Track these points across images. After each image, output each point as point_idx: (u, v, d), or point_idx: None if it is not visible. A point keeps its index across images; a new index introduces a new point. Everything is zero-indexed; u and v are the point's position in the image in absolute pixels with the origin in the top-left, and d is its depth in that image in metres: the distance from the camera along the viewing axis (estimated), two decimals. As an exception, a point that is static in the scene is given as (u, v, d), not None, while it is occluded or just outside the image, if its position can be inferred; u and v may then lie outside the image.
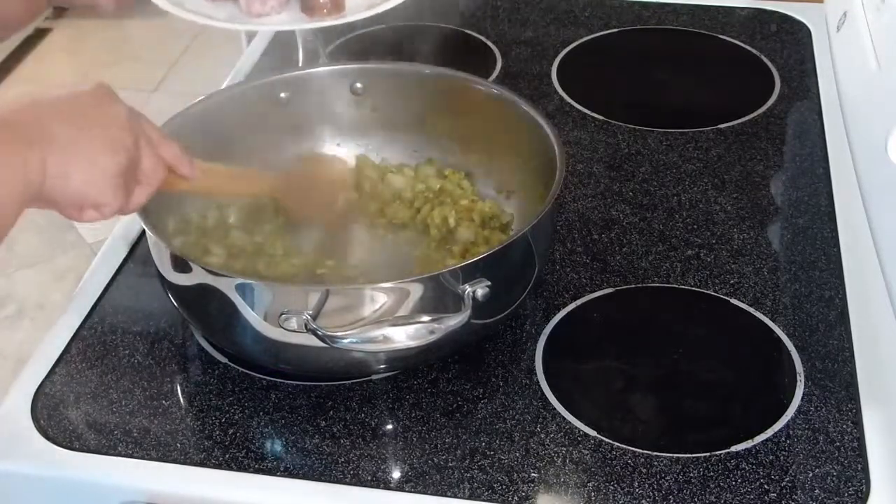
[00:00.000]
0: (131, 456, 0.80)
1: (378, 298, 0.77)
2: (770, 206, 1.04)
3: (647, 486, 0.77)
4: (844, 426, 0.81)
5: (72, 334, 0.91)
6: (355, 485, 0.78)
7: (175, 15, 1.07)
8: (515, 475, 0.78)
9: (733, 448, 0.79)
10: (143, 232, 0.90)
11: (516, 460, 0.79)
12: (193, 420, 0.84)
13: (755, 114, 1.18)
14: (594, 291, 0.94)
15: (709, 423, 0.83)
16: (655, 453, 0.79)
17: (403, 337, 0.75)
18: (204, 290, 0.80)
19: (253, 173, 0.94)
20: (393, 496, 0.77)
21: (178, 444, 0.81)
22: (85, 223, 0.74)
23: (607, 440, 0.80)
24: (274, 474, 0.79)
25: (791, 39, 1.32)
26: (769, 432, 0.80)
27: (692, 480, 0.77)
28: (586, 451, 0.79)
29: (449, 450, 0.80)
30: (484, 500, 0.76)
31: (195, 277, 0.81)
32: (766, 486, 0.76)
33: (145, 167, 0.75)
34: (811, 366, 0.86)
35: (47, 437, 0.82)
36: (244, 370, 0.87)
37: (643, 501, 0.76)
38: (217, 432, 0.82)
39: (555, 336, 0.89)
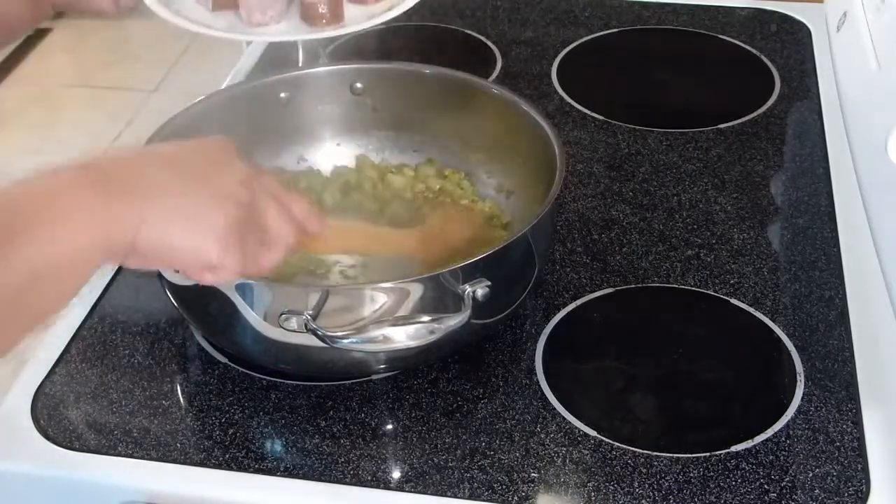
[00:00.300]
0: (131, 456, 0.80)
1: (378, 298, 0.77)
2: (770, 206, 1.04)
3: (647, 486, 0.77)
4: (844, 426, 0.81)
5: (72, 334, 0.91)
6: (355, 485, 0.78)
7: (175, 24, 1.07)
8: (515, 475, 0.78)
9: (733, 448, 0.79)
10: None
11: (516, 460, 0.79)
12: (193, 420, 0.84)
13: (755, 114, 1.18)
14: (594, 291, 0.94)
15: (709, 423, 0.83)
16: (655, 453, 0.79)
17: (403, 337, 0.75)
18: (204, 290, 0.80)
19: (385, 232, 0.92)
20: (393, 496, 0.77)
21: (178, 444, 0.81)
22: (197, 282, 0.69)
23: (607, 440, 0.80)
24: (274, 474, 0.79)
25: (791, 39, 1.32)
26: (769, 432, 0.80)
27: (692, 480, 0.77)
28: (586, 451, 0.79)
29: (449, 450, 0.80)
30: (484, 500, 0.76)
31: (195, 277, 0.81)
32: (766, 486, 0.76)
33: (272, 227, 0.70)
34: (811, 366, 0.86)
35: (47, 437, 0.82)
36: (244, 370, 0.87)
37: (643, 501, 0.76)
38: (217, 432, 0.82)
39: (555, 336, 0.89)
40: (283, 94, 1.00)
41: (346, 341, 0.75)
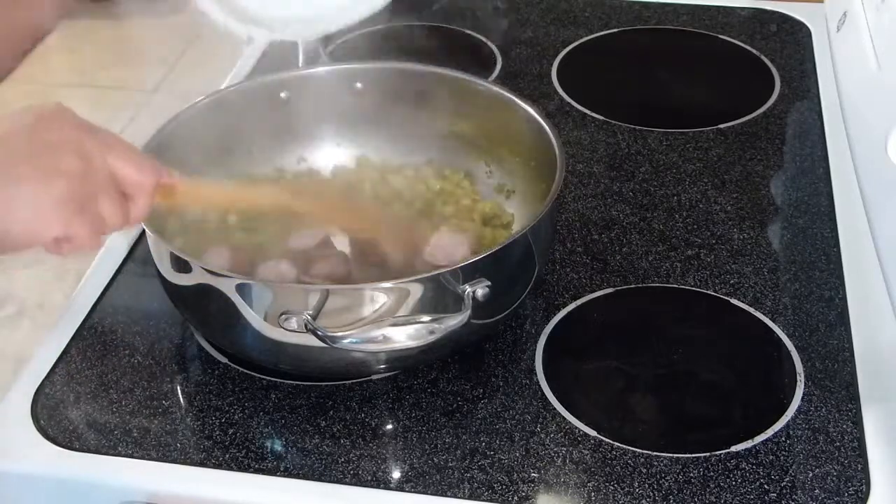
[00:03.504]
0: (131, 456, 0.80)
1: (378, 298, 0.77)
2: (770, 206, 1.04)
3: (647, 486, 0.77)
4: (844, 426, 0.81)
5: (72, 334, 0.91)
6: (355, 485, 0.78)
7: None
8: (515, 475, 0.78)
9: (733, 448, 0.79)
10: (143, 232, 0.90)
11: (516, 460, 0.79)
12: (193, 420, 0.84)
13: (755, 114, 1.18)
14: (594, 291, 0.94)
15: (709, 423, 0.83)
16: (655, 453, 0.79)
17: (403, 337, 0.75)
18: (204, 290, 0.80)
19: (263, 188, 0.92)
20: (393, 496, 0.77)
21: (178, 444, 0.81)
22: (67, 255, 0.70)
23: (607, 440, 0.80)
24: (274, 474, 0.79)
25: (791, 39, 1.32)
26: (769, 432, 0.80)
27: (692, 480, 0.77)
28: (586, 451, 0.79)
29: (449, 450, 0.80)
30: (484, 500, 0.76)
31: (195, 277, 0.81)
32: (766, 486, 0.76)
33: (122, 177, 0.70)
34: (811, 366, 0.86)
35: (47, 437, 0.82)
36: (244, 370, 0.87)
37: (643, 501, 0.76)
38: (217, 432, 0.82)
39: (555, 336, 0.89)
40: (283, 94, 1.00)
41: (346, 341, 0.75)
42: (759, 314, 0.91)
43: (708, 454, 0.79)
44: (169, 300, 0.87)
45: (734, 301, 0.93)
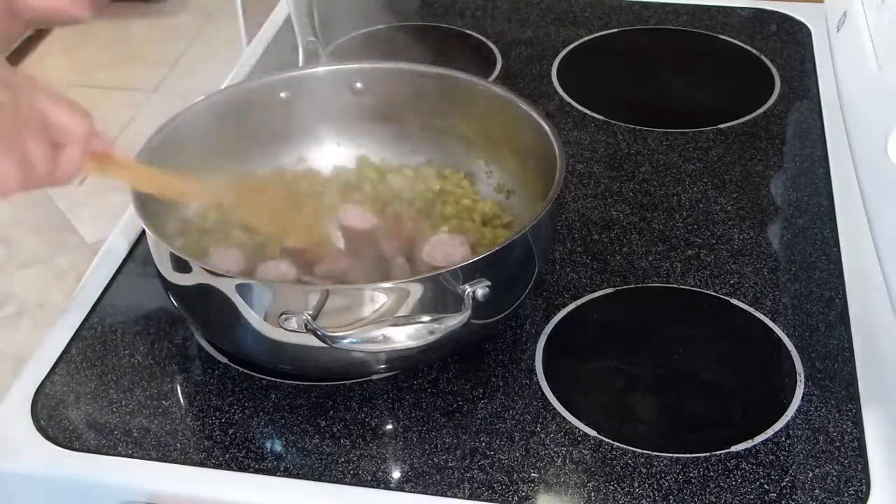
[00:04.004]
0: (131, 456, 0.80)
1: (378, 298, 0.77)
2: (770, 206, 1.04)
3: (647, 486, 0.77)
4: (844, 426, 0.81)
5: (72, 334, 0.91)
6: (355, 485, 0.78)
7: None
8: (515, 475, 0.78)
9: (733, 448, 0.79)
10: (143, 232, 0.90)
11: (516, 460, 0.79)
12: (193, 420, 0.84)
13: (755, 114, 1.18)
14: (594, 291, 0.94)
15: (709, 423, 0.83)
16: (655, 453, 0.79)
17: (403, 337, 0.75)
18: (204, 290, 0.80)
19: (197, 183, 0.88)
20: (393, 496, 0.77)
21: (178, 444, 0.81)
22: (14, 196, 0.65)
23: (607, 440, 0.80)
24: (274, 474, 0.79)
25: (791, 39, 1.32)
26: (769, 432, 0.80)
27: (692, 480, 0.77)
28: (586, 451, 0.79)
29: (449, 450, 0.80)
30: (484, 500, 0.76)
31: (195, 277, 0.81)
32: (766, 486, 0.76)
33: (54, 120, 0.66)
34: (811, 366, 0.86)
35: (47, 437, 0.82)
36: (244, 370, 0.87)
37: (643, 501, 0.76)
38: (217, 432, 0.82)
39: (555, 336, 0.89)
40: (283, 94, 1.00)
41: (346, 341, 0.75)
42: (759, 314, 0.91)
43: (708, 454, 0.79)
44: (169, 300, 0.87)
45: (734, 301, 0.93)
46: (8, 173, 0.63)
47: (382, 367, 0.84)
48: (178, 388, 0.87)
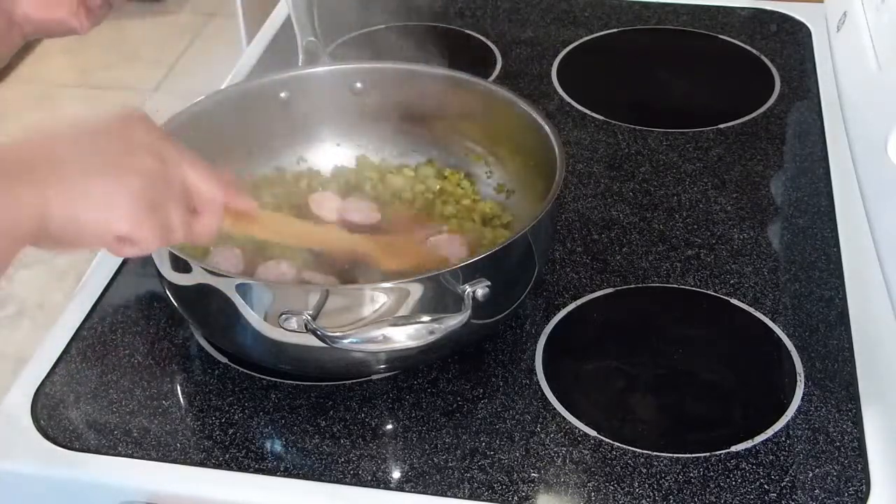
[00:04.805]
0: (131, 456, 0.80)
1: (378, 298, 0.77)
2: (770, 206, 1.04)
3: (647, 486, 0.77)
4: (844, 426, 0.81)
5: (72, 334, 0.91)
6: (355, 485, 0.78)
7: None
8: (515, 475, 0.78)
9: (733, 448, 0.79)
10: (143, 232, 0.89)
11: (516, 460, 0.79)
12: (193, 420, 0.84)
13: (755, 114, 1.18)
14: (594, 291, 0.94)
15: (709, 423, 0.83)
16: (655, 453, 0.79)
17: (403, 337, 0.75)
18: (204, 290, 0.80)
19: (331, 230, 0.92)
20: (393, 496, 0.77)
21: (178, 444, 0.81)
22: (126, 257, 0.68)
23: (607, 440, 0.80)
24: (274, 474, 0.79)
25: (791, 39, 1.32)
26: (769, 432, 0.80)
27: (692, 480, 0.77)
28: (586, 451, 0.79)
29: (449, 450, 0.80)
30: (484, 500, 0.76)
31: (195, 277, 0.81)
32: (766, 486, 0.76)
33: (194, 189, 0.69)
34: (811, 366, 0.86)
35: (47, 437, 0.82)
36: (244, 370, 0.87)
37: (643, 501, 0.76)
38: (217, 432, 0.82)
39: (555, 336, 0.89)
40: (283, 94, 1.00)
41: (346, 341, 0.75)
42: (759, 314, 0.91)
43: (708, 454, 0.79)
44: (169, 300, 0.87)
45: (734, 301, 0.93)
46: (150, 237, 0.66)
47: (382, 367, 0.84)
48: (178, 388, 0.87)
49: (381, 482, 0.78)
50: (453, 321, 0.76)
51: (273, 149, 1.01)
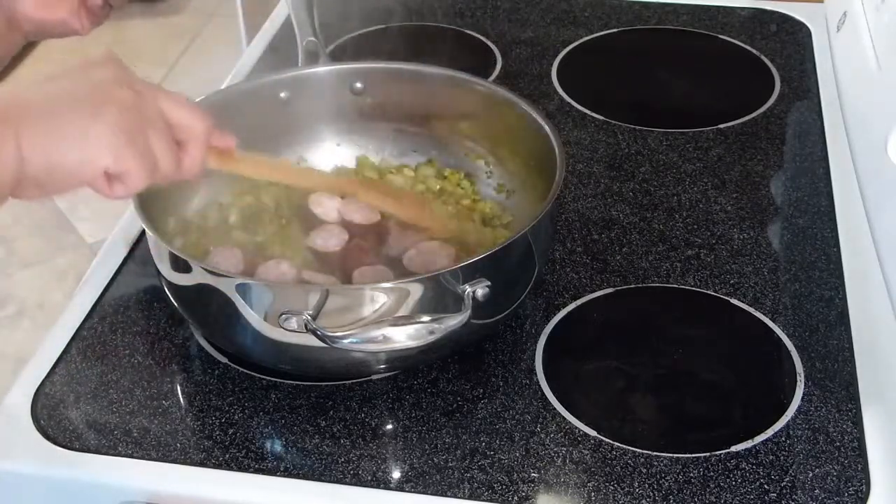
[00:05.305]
0: (131, 456, 0.80)
1: (378, 298, 0.77)
2: (770, 206, 1.04)
3: (647, 486, 0.77)
4: (844, 426, 0.81)
5: (72, 334, 0.91)
6: (355, 485, 0.78)
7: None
8: (515, 475, 0.78)
9: (733, 448, 0.79)
10: (143, 232, 0.90)
11: (516, 460, 0.79)
12: (193, 420, 0.84)
13: (755, 114, 1.18)
14: (594, 291, 0.94)
15: (709, 423, 0.83)
16: (655, 453, 0.79)
17: (403, 337, 0.75)
18: (204, 290, 0.80)
19: (312, 171, 0.93)
20: (393, 496, 0.77)
21: (178, 444, 0.81)
22: (118, 198, 0.67)
23: (607, 440, 0.80)
24: (274, 474, 0.79)
25: (791, 39, 1.32)
26: (769, 432, 0.80)
27: (692, 480, 0.77)
28: (586, 451, 0.79)
29: (449, 450, 0.80)
30: (484, 500, 0.76)
31: (195, 277, 0.81)
32: (766, 486, 0.76)
33: (175, 121, 0.68)
34: (811, 366, 0.86)
35: (47, 437, 0.82)
36: (244, 370, 0.87)
37: (643, 501, 0.76)
38: (217, 432, 0.82)
39: (555, 336, 0.89)
40: (283, 94, 1.00)
41: (346, 341, 0.75)
42: (759, 314, 0.91)
43: (708, 454, 0.79)
44: (169, 300, 0.87)
45: (734, 301, 0.93)
46: (135, 169, 0.65)
47: (382, 367, 0.84)
48: (178, 388, 0.87)
49: (381, 482, 0.78)
50: (453, 321, 0.76)
51: (273, 149, 1.01)
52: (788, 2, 1.38)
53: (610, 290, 0.94)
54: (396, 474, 0.79)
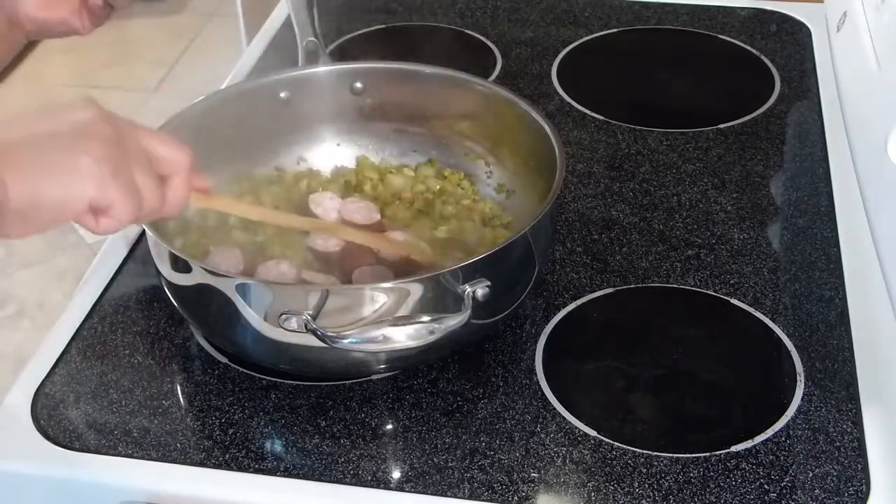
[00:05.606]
0: (131, 456, 0.80)
1: (378, 298, 0.77)
2: (770, 206, 1.04)
3: (647, 486, 0.77)
4: (844, 426, 0.81)
5: (72, 334, 0.91)
6: (355, 485, 0.78)
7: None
8: (515, 475, 0.78)
9: (733, 448, 0.79)
10: (143, 232, 0.90)
11: (516, 460, 0.79)
12: (193, 420, 0.84)
13: (755, 114, 1.18)
14: (594, 291, 0.94)
15: (709, 423, 0.83)
16: (655, 453, 0.79)
17: (403, 337, 0.75)
18: (204, 290, 0.80)
19: (291, 217, 0.93)
20: (393, 496, 0.77)
21: (178, 444, 0.81)
22: (105, 234, 0.68)
23: (607, 440, 0.80)
24: (274, 474, 0.79)
25: (791, 39, 1.32)
26: (769, 432, 0.80)
27: (692, 480, 0.77)
28: (586, 451, 0.79)
29: (449, 450, 0.80)
30: (484, 500, 0.76)
31: (195, 277, 0.81)
32: (766, 486, 0.76)
33: (157, 154, 0.69)
34: (811, 366, 0.86)
35: (47, 437, 0.82)
36: (244, 370, 0.87)
37: (643, 501, 0.76)
38: (217, 432, 0.82)
39: (555, 336, 0.89)
40: (283, 94, 1.00)
41: (346, 341, 0.75)
42: (759, 314, 0.91)
43: (708, 454, 0.79)
44: (169, 300, 0.87)
45: (734, 301, 0.93)
46: (120, 202, 0.65)
47: (382, 367, 0.84)
48: (178, 388, 0.87)
49: (381, 482, 0.78)
50: (453, 321, 0.76)
51: (273, 149, 1.01)
52: (788, 2, 1.38)
53: (610, 290, 0.94)
54: (396, 474, 0.79)
